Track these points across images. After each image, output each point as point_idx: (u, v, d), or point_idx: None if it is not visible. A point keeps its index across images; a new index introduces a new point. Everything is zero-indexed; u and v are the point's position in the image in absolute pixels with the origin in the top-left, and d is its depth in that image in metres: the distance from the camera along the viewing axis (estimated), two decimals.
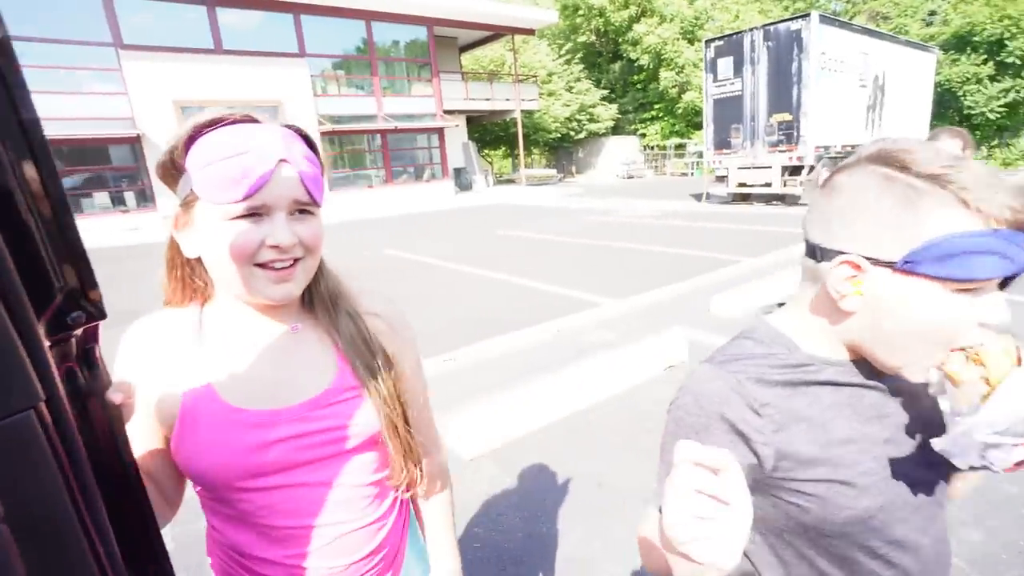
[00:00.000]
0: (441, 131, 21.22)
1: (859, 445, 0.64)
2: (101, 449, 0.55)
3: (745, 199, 14.37)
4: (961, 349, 0.56)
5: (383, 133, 19.64)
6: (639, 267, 7.15)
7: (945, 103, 21.50)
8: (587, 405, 3.30)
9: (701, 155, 19.95)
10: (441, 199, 20.28)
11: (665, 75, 28.69)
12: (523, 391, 3.20)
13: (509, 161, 35.01)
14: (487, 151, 33.17)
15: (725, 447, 0.57)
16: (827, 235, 0.62)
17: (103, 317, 0.49)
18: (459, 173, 22.65)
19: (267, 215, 0.67)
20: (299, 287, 0.72)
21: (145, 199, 15.74)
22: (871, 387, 0.66)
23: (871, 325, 0.62)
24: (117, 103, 14.92)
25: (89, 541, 0.39)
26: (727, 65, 13.10)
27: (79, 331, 0.50)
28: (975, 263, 0.53)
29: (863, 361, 0.66)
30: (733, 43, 12.94)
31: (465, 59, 26.18)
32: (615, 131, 32.23)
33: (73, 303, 0.46)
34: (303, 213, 0.70)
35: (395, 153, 20.50)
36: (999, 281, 0.57)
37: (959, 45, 21.82)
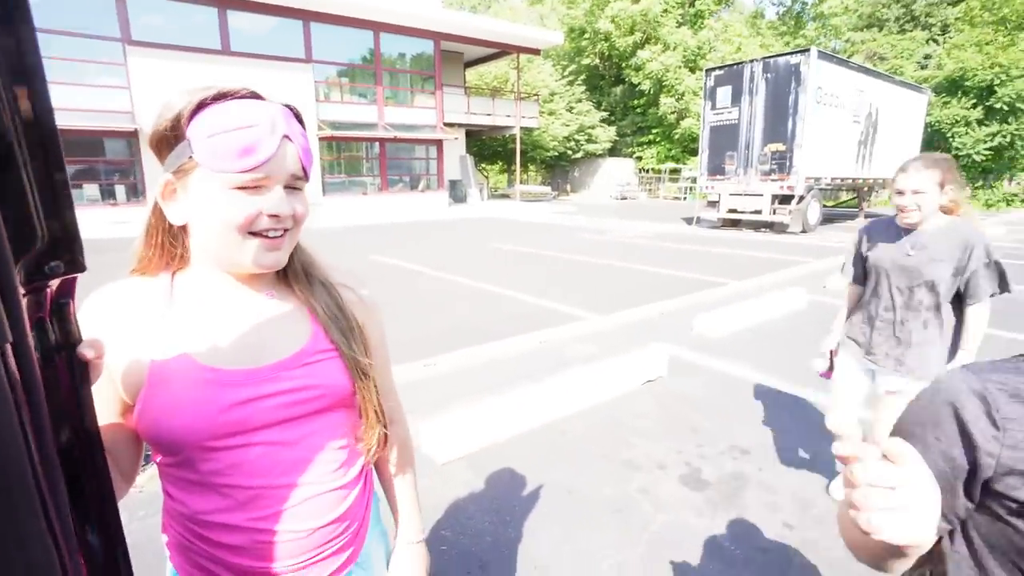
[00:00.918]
0: (440, 143, 21.39)
1: None
2: (63, 409, 0.53)
3: (735, 225, 14.59)
4: None
5: (382, 142, 19.77)
6: (626, 285, 7.22)
7: (934, 143, 22.01)
8: (565, 415, 3.32)
9: (695, 180, 20.22)
10: (435, 210, 20.37)
11: (665, 101, 29.19)
12: (502, 399, 3.22)
13: (505, 176, 35.28)
14: (484, 165, 33.41)
15: (948, 444, 0.62)
16: None
17: (82, 270, 0.51)
18: (454, 185, 22.78)
19: (266, 187, 0.71)
20: (286, 255, 0.77)
21: (136, 194, 15.72)
22: None
23: None
24: (117, 96, 14.96)
25: (39, 493, 0.37)
26: (726, 94, 13.39)
27: (55, 283, 0.52)
28: None
29: None
30: (733, 73, 13.25)
31: (469, 74, 26.50)
32: (612, 153, 32.63)
33: (53, 253, 0.48)
34: (294, 188, 0.75)
35: (392, 162, 20.62)
36: None
37: (951, 88, 22.41)
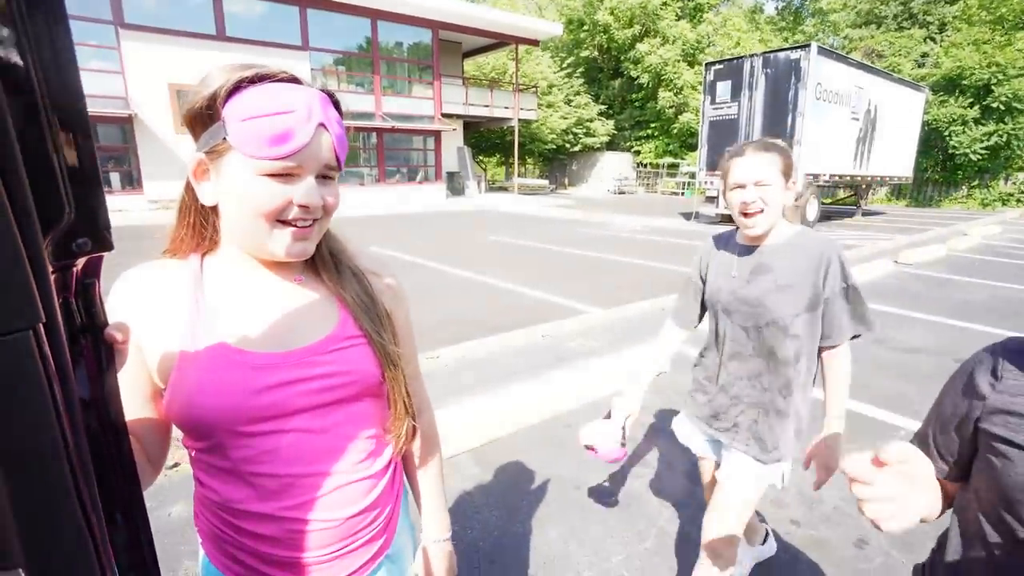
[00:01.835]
0: (438, 134, 21.24)
1: None
2: (88, 392, 0.52)
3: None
4: None
5: (379, 132, 19.62)
6: (626, 279, 7.20)
7: (931, 141, 22.04)
8: (570, 408, 3.31)
9: (693, 175, 20.19)
10: (432, 201, 20.27)
11: (664, 95, 29.06)
12: (505, 392, 3.20)
13: (503, 169, 35.13)
14: (481, 157, 33.26)
15: (956, 396, 0.76)
16: None
17: (109, 248, 0.48)
18: (452, 177, 22.66)
19: (298, 176, 0.69)
20: (313, 245, 0.75)
21: (132, 182, 15.48)
22: None
23: None
24: (111, 81, 14.72)
25: (74, 482, 0.37)
26: (725, 88, 13.31)
27: (81, 261, 0.48)
28: None
29: None
30: (733, 67, 13.17)
31: (467, 65, 26.29)
32: (610, 147, 32.53)
33: (81, 229, 0.45)
34: (327, 177, 0.72)
35: (390, 152, 20.46)
36: None
37: (948, 87, 22.41)
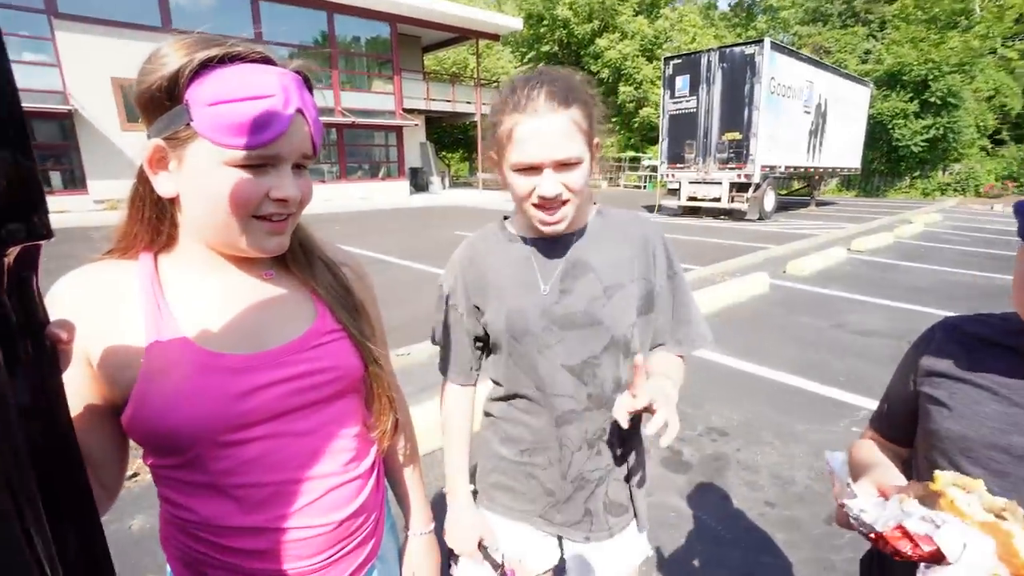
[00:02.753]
0: (400, 129, 20.93)
1: (994, 396, 0.73)
2: (29, 400, 0.44)
3: (695, 212, 14.91)
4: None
5: (339, 127, 19.17)
6: None
7: (876, 134, 23.08)
8: None
9: (655, 169, 20.56)
10: (396, 198, 19.98)
11: (624, 90, 29.47)
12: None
13: (466, 165, 34.95)
14: (445, 153, 33.00)
15: (905, 370, 0.86)
16: None
17: (47, 237, 0.42)
18: (416, 173, 22.39)
19: (273, 166, 0.63)
20: (288, 239, 0.70)
21: (75, 181, 14.64)
22: None
23: None
24: (46, 74, 13.88)
25: (11, 495, 0.33)
26: (684, 82, 13.59)
27: (14, 251, 0.42)
28: None
29: None
30: (691, 62, 13.44)
31: (427, 59, 25.99)
32: None
33: (12, 214, 0.39)
34: (301, 167, 0.67)
35: (351, 148, 20.04)
36: None
37: (890, 82, 23.50)
